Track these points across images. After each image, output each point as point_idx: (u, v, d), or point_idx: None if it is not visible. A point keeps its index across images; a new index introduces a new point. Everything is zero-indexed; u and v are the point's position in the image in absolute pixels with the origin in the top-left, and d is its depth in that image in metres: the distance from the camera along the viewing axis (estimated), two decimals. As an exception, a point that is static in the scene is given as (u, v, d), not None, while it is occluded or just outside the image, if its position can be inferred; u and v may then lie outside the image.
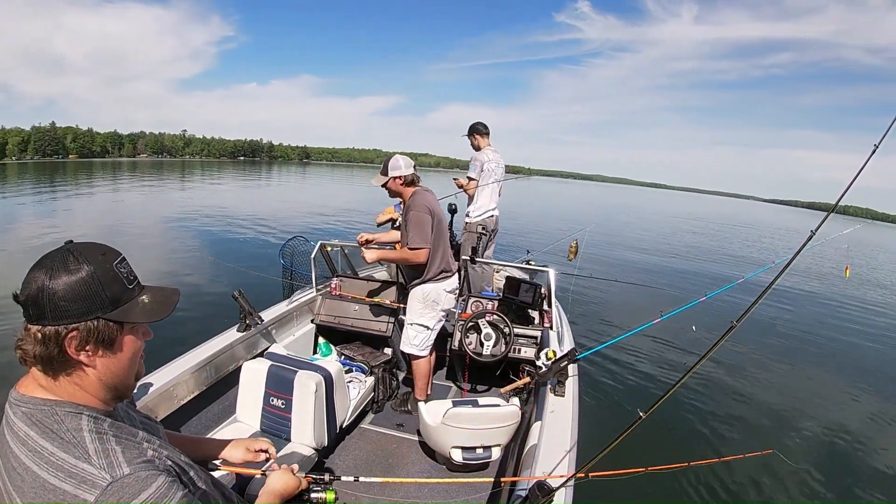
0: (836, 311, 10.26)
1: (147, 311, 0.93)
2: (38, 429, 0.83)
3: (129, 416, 1.06)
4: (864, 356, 7.45)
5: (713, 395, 5.20)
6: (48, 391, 0.87)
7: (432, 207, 3.13)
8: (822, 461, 4.14)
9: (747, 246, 23.05)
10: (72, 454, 0.81)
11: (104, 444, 0.85)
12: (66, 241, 0.90)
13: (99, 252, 0.89)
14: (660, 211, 49.14)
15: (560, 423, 2.27)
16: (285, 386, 2.53)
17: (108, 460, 0.82)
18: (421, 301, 3.22)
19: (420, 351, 3.27)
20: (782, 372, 6.35)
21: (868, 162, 1.54)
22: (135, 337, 0.94)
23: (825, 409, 5.24)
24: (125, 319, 0.90)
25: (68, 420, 0.85)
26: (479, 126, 4.73)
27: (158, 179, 37.17)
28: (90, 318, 0.85)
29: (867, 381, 6.30)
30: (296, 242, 4.39)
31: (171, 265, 9.22)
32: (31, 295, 0.83)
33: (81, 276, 0.84)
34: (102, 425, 0.88)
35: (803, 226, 57.16)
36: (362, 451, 3.00)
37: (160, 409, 2.42)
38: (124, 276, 0.91)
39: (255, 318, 3.15)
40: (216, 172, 53.68)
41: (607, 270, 9.73)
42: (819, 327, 8.89)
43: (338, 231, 13.14)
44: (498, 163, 4.70)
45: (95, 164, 64.39)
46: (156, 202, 21.26)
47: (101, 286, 0.86)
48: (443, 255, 3.20)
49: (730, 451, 4.14)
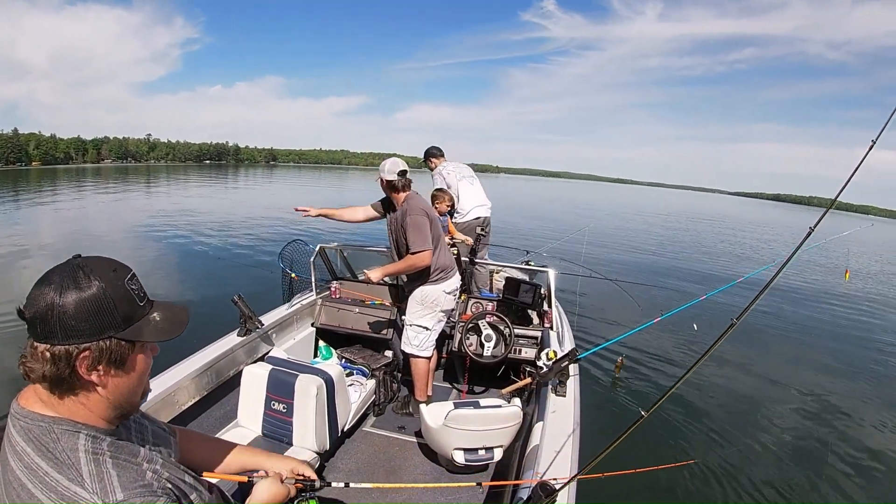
0: (837, 309, 10.28)
1: (160, 329, 0.90)
2: (34, 446, 0.81)
3: (140, 425, 1.03)
4: (868, 352, 7.47)
5: (715, 393, 5.20)
6: (49, 407, 0.84)
7: (428, 210, 3.14)
8: (826, 458, 4.14)
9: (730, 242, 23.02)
10: (65, 475, 0.79)
11: (99, 466, 0.82)
12: (74, 255, 0.87)
13: (110, 268, 0.86)
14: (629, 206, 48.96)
15: (562, 424, 2.27)
16: (286, 390, 2.53)
17: (102, 485, 0.80)
18: (420, 303, 3.22)
19: (420, 351, 3.27)
20: (787, 367, 6.35)
21: (866, 157, 1.54)
22: (145, 355, 0.92)
23: (828, 405, 5.24)
24: (138, 338, 0.87)
25: (65, 439, 0.82)
26: (434, 150, 4.89)
27: (135, 185, 36.41)
28: (103, 338, 0.82)
29: (872, 377, 6.31)
30: (295, 246, 4.39)
31: (166, 272, 9.21)
32: (40, 312, 0.79)
33: (93, 293, 0.81)
34: (101, 445, 0.85)
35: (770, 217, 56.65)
36: (364, 455, 2.99)
37: (161, 414, 2.41)
38: (135, 294, 0.88)
39: (255, 322, 3.15)
40: (183, 177, 52.48)
41: (603, 270, 9.72)
42: (822, 323, 8.92)
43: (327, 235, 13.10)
44: (456, 166, 4.83)
45: (59, 171, 63.74)
46: (133, 208, 20.67)
47: (113, 304, 0.83)
48: (440, 256, 3.20)
49: (734, 448, 4.15)
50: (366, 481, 2.30)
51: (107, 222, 15.67)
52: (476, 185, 4.79)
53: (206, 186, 37.91)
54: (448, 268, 3.25)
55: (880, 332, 8.87)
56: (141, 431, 1.02)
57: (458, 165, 4.85)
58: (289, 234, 9.34)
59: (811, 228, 1.49)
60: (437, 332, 3.32)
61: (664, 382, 5.31)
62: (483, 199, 4.80)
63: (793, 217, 58.44)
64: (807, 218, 3.31)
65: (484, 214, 4.77)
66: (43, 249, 10.45)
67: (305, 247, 4.34)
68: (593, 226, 12.03)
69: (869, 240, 31.77)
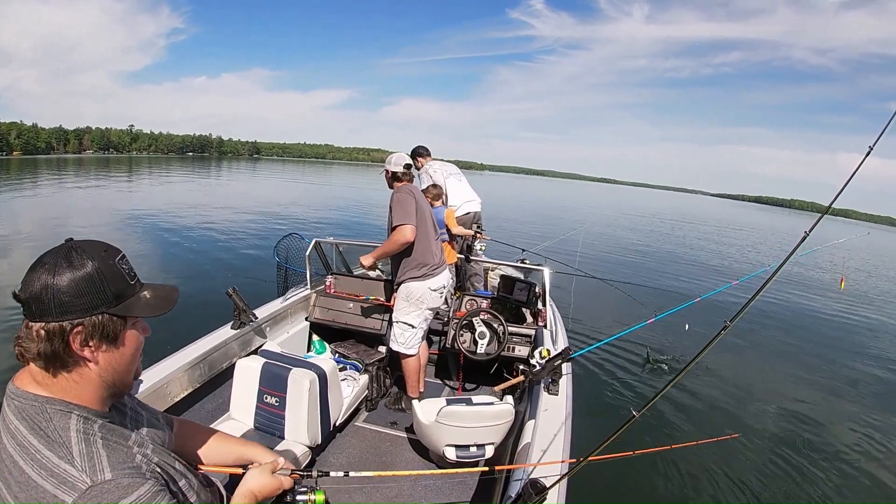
0: (831, 314, 10.37)
1: (150, 305, 0.94)
2: (27, 424, 0.83)
3: (136, 412, 1.06)
4: (860, 355, 7.53)
5: (707, 394, 5.22)
6: (42, 387, 0.87)
7: (416, 193, 3.13)
8: (818, 459, 4.18)
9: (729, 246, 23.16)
10: (56, 453, 0.81)
11: (90, 446, 0.84)
12: (67, 239, 0.91)
13: (101, 249, 0.90)
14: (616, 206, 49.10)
15: (554, 422, 2.28)
16: (279, 383, 2.53)
17: (91, 463, 0.82)
18: (405, 299, 3.17)
19: (406, 349, 3.22)
20: (779, 369, 6.41)
21: (862, 163, 1.55)
22: (136, 332, 0.95)
23: (820, 407, 5.29)
24: (129, 314, 0.91)
25: (57, 418, 0.85)
26: (420, 149, 4.95)
27: (117, 175, 35.97)
28: (95, 313, 0.86)
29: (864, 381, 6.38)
30: (290, 240, 4.38)
31: (158, 263, 9.18)
32: (35, 292, 0.83)
33: (86, 272, 0.85)
34: (92, 426, 0.87)
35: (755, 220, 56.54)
36: (356, 449, 3.00)
37: (153, 406, 2.40)
38: (126, 272, 0.92)
39: (249, 315, 3.14)
40: (166, 168, 51.92)
41: (597, 269, 9.77)
42: (816, 326, 9.00)
43: (322, 229, 13.06)
44: (442, 164, 4.90)
45: (41, 161, 63.15)
46: (117, 200, 20.40)
47: (104, 281, 0.87)
48: (426, 248, 3.12)
49: (725, 448, 4.17)
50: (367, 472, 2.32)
51: (90, 214, 15.41)
52: (463, 182, 4.83)
53: (191, 179, 37.46)
54: (435, 264, 3.17)
55: (873, 336, 8.95)
56: (136, 419, 1.04)
57: (444, 164, 4.90)
58: (283, 228, 9.32)
59: (806, 233, 1.49)
60: (423, 331, 3.27)
61: (657, 383, 5.34)
62: (473, 195, 4.84)
63: (778, 220, 58.74)
64: (790, 221, 3.30)
65: (475, 209, 4.80)
66: (26, 241, 10.25)
67: (301, 241, 4.33)
68: (587, 226, 12.07)
69: (859, 246, 32.02)
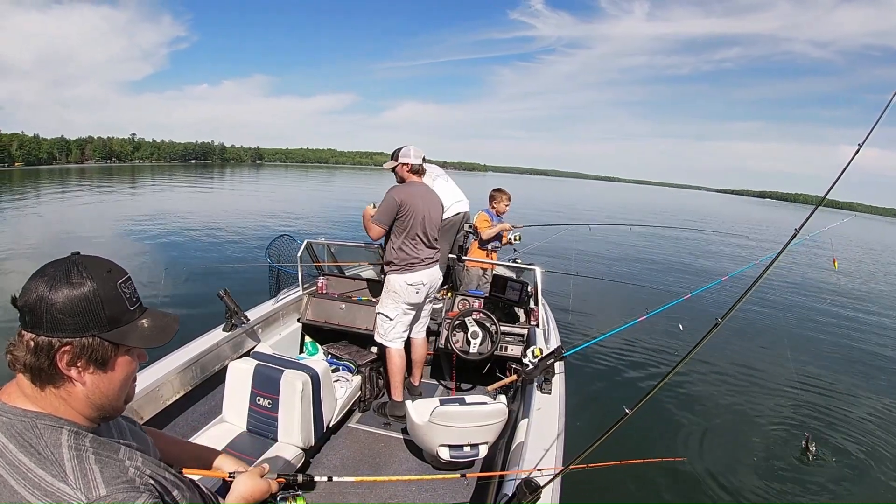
0: (825, 302, 10.49)
1: (145, 336, 0.91)
2: (17, 442, 0.81)
3: (119, 424, 1.03)
4: (861, 347, 7.60)
5: (700, 390, 5.27)
6: (31, 401, 0.85)
7: (408, 200, 3.16)
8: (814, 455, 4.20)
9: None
10: (49, 472, 0.79)
11: (82, 462, 0.82)
12: (73, 253, 0.89)
13: (104, 269, 0.88)
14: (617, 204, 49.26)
15: (547, 421, 2.29)
16: (272, 385, 2.51)
17: (85, 481, 0.80)
18: (385, 290, 3.29)
19: (385, 341, 3.29)
20: (771, 365, 6.43)
21: (853, 159, 1.57)
22: (130, 359, 0.92)
23: (816, 400, 5.32)
24: (121, 342, 0.88)
25: (48, 434, 0.82)
26: None
27: (119, 185, 35.83)
28: (86, 335, 0.84)
29: (864, 372, 6.44)
30: (282, 241, 4.36)
31: (152, 268, 9.12)
32: (30, 302, 0.81)
33: (83, 292, 0.83)
34: (83, 441, 0.85)
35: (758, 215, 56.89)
36: (349, 451, 2.98)
37: (145, 409, 2.38)
38: (127, 297, 0.89)
39: (240, 317, 3.12)
40: (168, 176, 51.59)
41: (590, 268, 9.81)
42: (810, 317, 9.11)
43: (314, 230, 13.00)
44: (429, 166, 4.89)
45: (43, 172, 62.77)
46: (117, 208, 20.42)
47: (101, 304, 0.85)
48: (404, 246, 3.20)
49: (720, 443, 4.21)
50: (350, 477, 2.30)
51: (91, 222, 15.35)
52: (451, 183, 4.84)
53: (192, 186, 37.31)
54: (414, 260, 3.21)
55: (867, 324, 9.04)
56: (120, 429, 1.02)
57: (430, 166, 4.90)
58: (275, 230, 9.27)
59: (797, 230, 1.50)
60: (401, 324, 3.29)
61: (649, 380, 5.37)
62: (460, 196, 4.85)
63: (778, 214, 59.20)
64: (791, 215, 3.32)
65: (464, 210, 4.82)
66: (27, 252, 10.17)
67: (293, 242, 4.31)
68: (582, 225, 12.03)
69: (851, 234, 32.43)
